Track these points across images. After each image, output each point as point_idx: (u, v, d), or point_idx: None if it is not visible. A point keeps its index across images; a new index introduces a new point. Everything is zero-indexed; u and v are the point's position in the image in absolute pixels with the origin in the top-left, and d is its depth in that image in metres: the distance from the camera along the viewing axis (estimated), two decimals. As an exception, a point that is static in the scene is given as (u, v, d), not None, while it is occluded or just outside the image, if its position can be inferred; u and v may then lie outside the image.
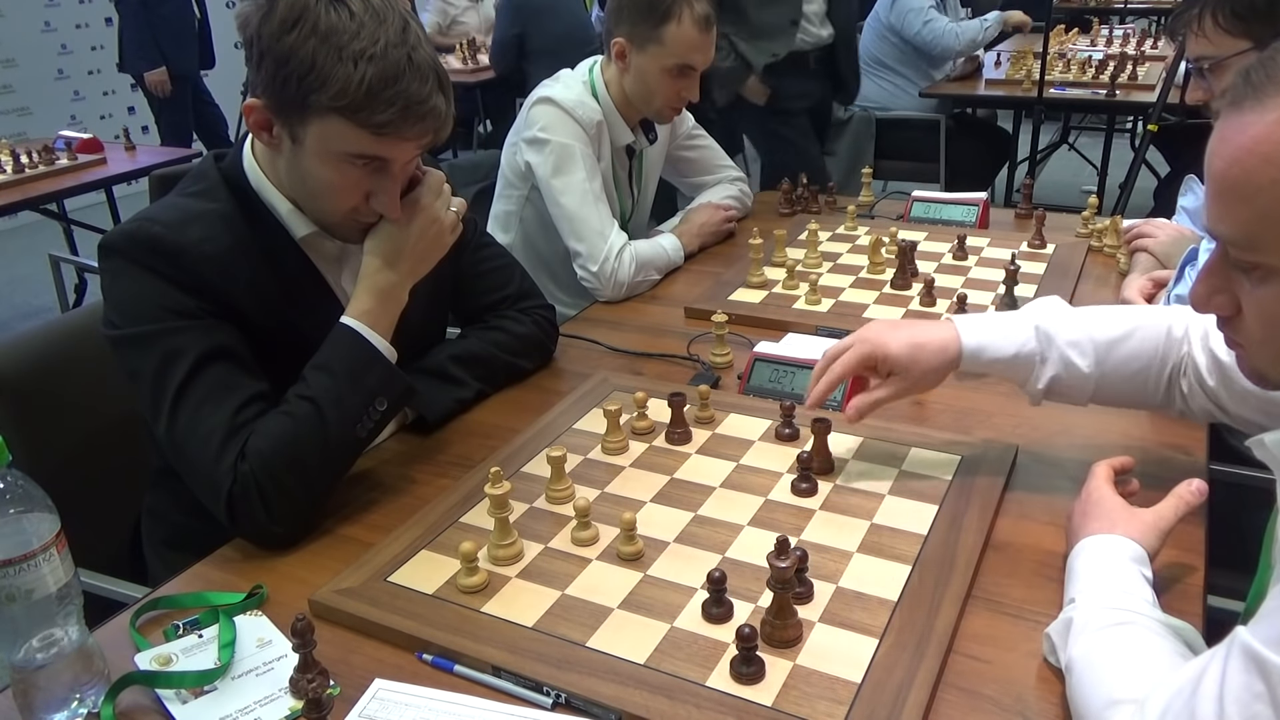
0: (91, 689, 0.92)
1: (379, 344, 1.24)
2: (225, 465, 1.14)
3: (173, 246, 1.19)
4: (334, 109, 1.12)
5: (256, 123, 1.19)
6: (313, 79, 1.11)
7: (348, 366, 1.21)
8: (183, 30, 5.00)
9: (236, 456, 1.14)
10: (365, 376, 1.22)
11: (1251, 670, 0.66)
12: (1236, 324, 0.79)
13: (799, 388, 1.43)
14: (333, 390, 1.19)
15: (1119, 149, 4.83)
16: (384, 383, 1.24)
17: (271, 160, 1.26)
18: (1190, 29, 1.44)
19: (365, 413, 1.21)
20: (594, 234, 1.90)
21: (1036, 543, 1.11)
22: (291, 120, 1.16)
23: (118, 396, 1.47)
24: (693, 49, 1.94)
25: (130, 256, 1.19)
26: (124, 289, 1.21)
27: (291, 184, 1.26)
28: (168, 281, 1.19)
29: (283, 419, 1.18)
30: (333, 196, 1.22)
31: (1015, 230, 2.14)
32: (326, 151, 1.17)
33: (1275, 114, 0.69)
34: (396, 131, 1.15)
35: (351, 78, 1.10)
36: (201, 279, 1.20)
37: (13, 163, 3.44)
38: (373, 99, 1.11)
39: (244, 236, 1.25)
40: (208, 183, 1.28)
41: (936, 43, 4.16)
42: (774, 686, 0.90)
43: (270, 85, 1.14)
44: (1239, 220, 0.72)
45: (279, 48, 1.11)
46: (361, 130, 1.14)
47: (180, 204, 1.25)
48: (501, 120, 5.38)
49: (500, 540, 1.09)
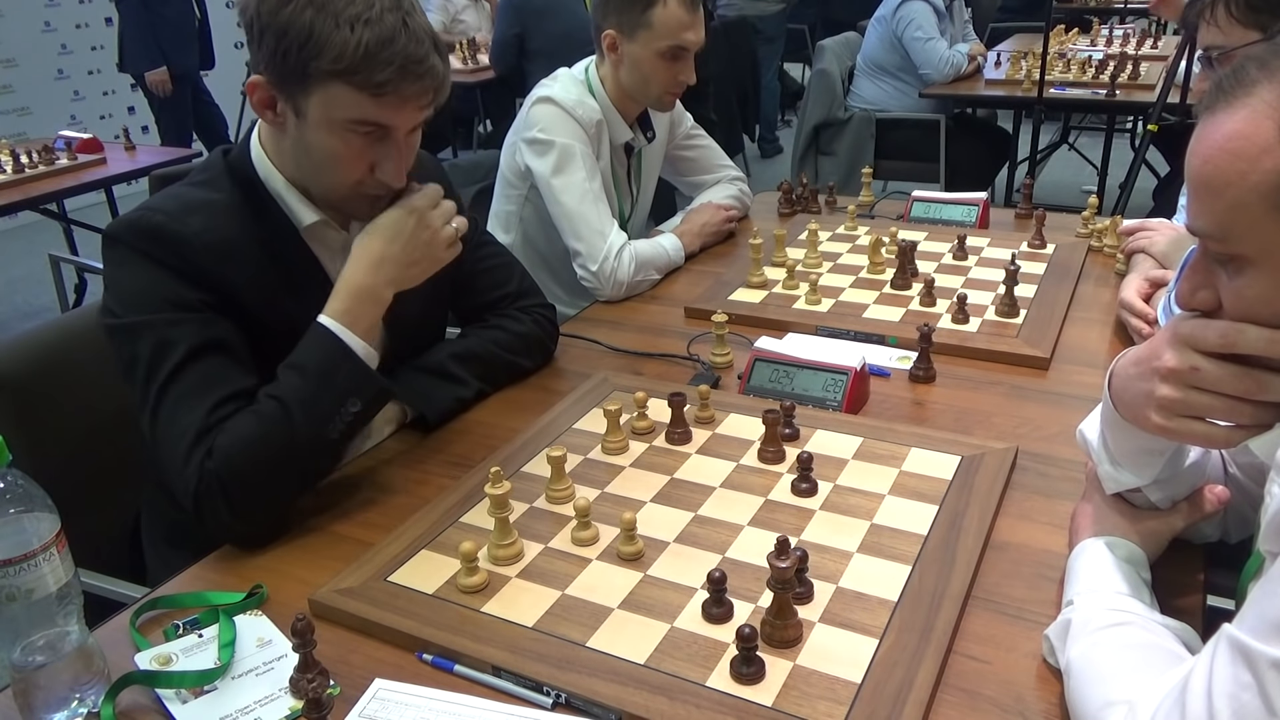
0: (91, 689, 0.92)
1: (354, 343, 1.22)
2: (193, 463, 1.14)
3: (174, 235, 1.20)
4: (334, 74, 1.14)
5: (260, 100, 1.21)
6: (311, 46, 1.13)
7: (319, 366, 1.20)
8: (183, 30, 5.01)
9: (204, 455, 1.14)
10: (336, 376, 1.21)
11: (1238, 661, 0.67)
12: (1219, 319, 0.81)
13: (799, 388, 1.43)
14: (302, 390, 1.19)
15: (1119, 149, 4.83)
16: (356, 383, 1.22)
17: (277, 143, 1.27)
18: (1203, 18, 1.45)
19: (336, 413, 1.20)
20: (594, 233, 1.90)
21: (1036, 543, 1.11)
22: (294, 92, 1.18)
23: (118, 396, 1.47)
24: (682, 28, 1.94)
25: (132, 244, 1.20)
26: (125, 277, 1.22)
27: (296, 163, 1.26)
28: (168, 270, 1.19)
29: (249, 418, 1.17)
30: (337, 169, 1.23)
31: (1015, 230, 2.14)
32: (329, 120, 1.18)
33: (1243, 113, 0.74)
34: (396, 91, 1.16)
35: (349, 41, 1.13)
36: (202, 269, 1.20)
37: (13, 163, 3.44)
38: (370, 60, 1.13)
39: (247, 227, 1.25)
40: (213, 173, 1.29)
41: (927, 63, 4.20)
42: (774, 687, 0.90)
43: (271, 59, 1.16)
44: (1213, 214, 0.77)
45: (277, 21, 1.14)
46: (361, 94, 1.15)
47: (183, 194, 1.27)
48: (501, 120, 5.38)
49: (500, 540, 1.09)
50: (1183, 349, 0.82)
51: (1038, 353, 1.54)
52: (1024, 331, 1.61)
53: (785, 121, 6.98)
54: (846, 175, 4.28)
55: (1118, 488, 0.99)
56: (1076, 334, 1.63)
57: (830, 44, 4.50)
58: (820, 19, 6.96)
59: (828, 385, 1.42)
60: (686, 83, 2.02)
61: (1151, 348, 0.87)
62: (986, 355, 1.57)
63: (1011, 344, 1.58)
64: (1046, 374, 1.51)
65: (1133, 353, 0.91)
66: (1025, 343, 1.58)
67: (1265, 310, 0.77)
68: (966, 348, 1.58)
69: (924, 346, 1.50)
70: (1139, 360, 0.88)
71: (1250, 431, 0.82)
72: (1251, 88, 0.75)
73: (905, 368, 1.53)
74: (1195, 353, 0.82)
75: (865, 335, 1.64)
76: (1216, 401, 0.82)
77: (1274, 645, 0.65)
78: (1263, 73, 0.75)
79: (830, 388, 1.42)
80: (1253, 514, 0.97)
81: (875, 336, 1.64)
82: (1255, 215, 0.74)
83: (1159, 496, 0.99)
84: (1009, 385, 1.48)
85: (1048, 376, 1.51)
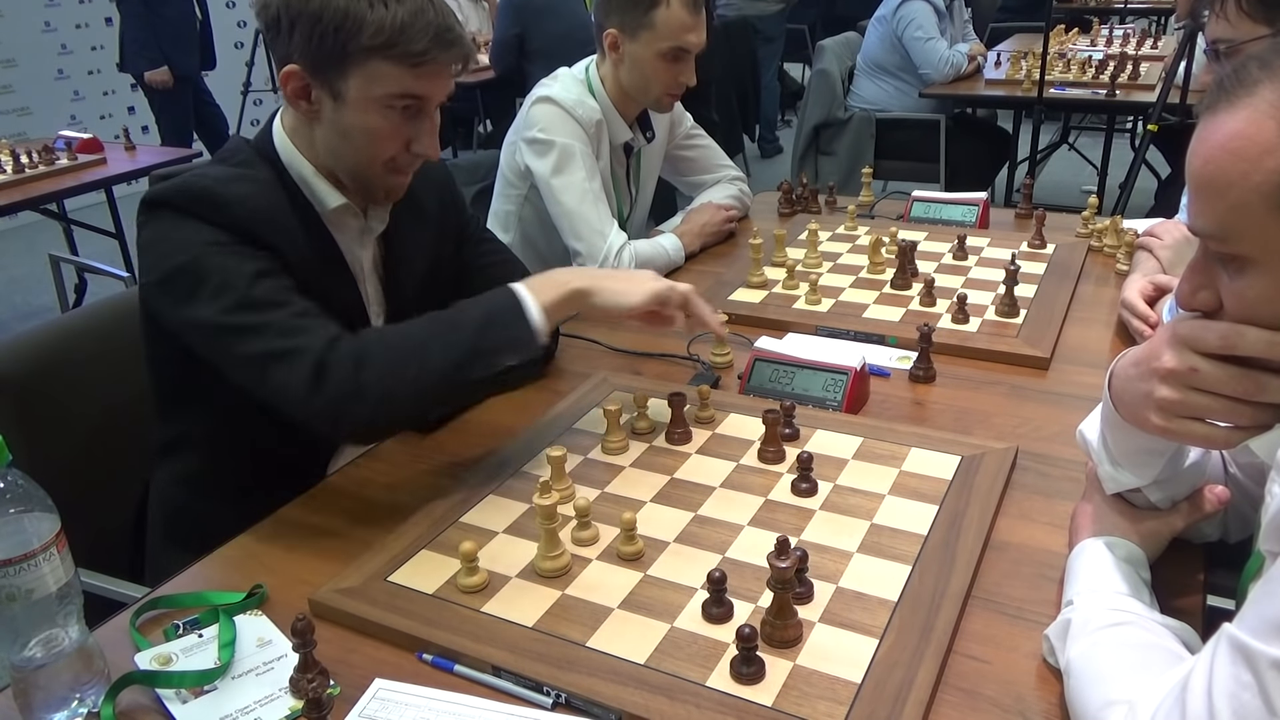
0: (91, 689, 0.92)
1: (531, 306, 1.23)
2: (326, 335, 1.16)
3: (221, 198, 1.21)
4: (374, 48, 1.19)
5: (294, 91, 1.24)
6: (350, 26, 1.17)
7: (489, 312, 1.23)
8: (184, 30, 5.00)
9: (339, 333, 1.17)
10: (500, 327, 1.22)
11: (1238, 661, 0.67)
12: (1219, 319, 0.82)
13: (799, 388, 1.43)
14: (465, 325, 1.21)
15: (1119, 149, 4.83)
16: (517, 341, 1.22)
17: (305, 131, 1.29)
18: (1213, 10, 1.46)
19: (487, 358, 1.20)
20: (593, 233, 1.90)
21: (1036, 543, 1.11)
22: (331, 76, 1.21)
23: (117, 396, 1.47)
24: (684, 29, 1.94)
25: (179, 207, 1.21)
26: (170, 237, 1.21)
27: (328, 148, 1.29)
28: (217, 227, 1.20)
29: (401, 331, 1.21)
30: (376, 146, 1.26)
31: (1015, 230, 2.14)
32: (369, 99, 1.22)
33: (1245, 113, 0.74)
34: (434, 59, 1.21)
35: (384, 17, 1.18)
36: (250, 228, 1.22)
37: (13, 163, 3.44)
38: (407, 32, 1.19)
39: (284, 203, 1.28)
40: (244, 155, 1.32)
41: (927, 63, 4.20)
42: (774, 686, 0.90)
43: (306, 47, 1.19)
44: (1215, 214, 0.77)
45: (310, 7, 1.18)
46: (401, 66, 1.20)
47: (221, 171, 1.28)
48: (501, 120, 5.38)
49: (548, 552, 1.07)
50: (1182, 350, 0.82)
51: (1038, 353, 1.54)
52: (1024, 331, 1.61)
53: (785, 121, 6.98)
54: (846, 175, 4.28)
55: (1118, 488, 0.99)
56: (1076, 334, 1.63)
57: (830, 44, 4.50)
58: (820, 19, 6.96)
59: (828, 385, 1.42)
60: (687, 84, 2.02)
61: (1151, 348, 0.87)
62: (986, 355, 1.57)
63: (1011, 344, 1.58)
64: (1046, 374, 1.51)
65: (1132, 353, 0.91)
66: (1025, 343, 1.58)
67: (1267, 311, 0.77)
68: (966, 348, 1.58)
69: (924, 346, 1.50)
70: (1139, 361, 0.88)
71: (1250, 432, 0.82)
72: (1253, 87, 0.75)
73: (905, 368, 1.53)
74: (1195, 354, 0.82)
75: (865, 335, 1.64)
76: (1216, 403, 0.82)
77: (1274, 645, 0.65)
78: (1265, 72, 0.75)
79: (830, 388, 1.42)
80: (1253, 514, 0.97)
81: (875, 336, 1.64)
82: (1257, 216, 0.74)
83: (1159, 497, 0.99)
84: (1009, 385, 1.48)
85: (1048, 376, 1.51)
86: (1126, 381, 0.90)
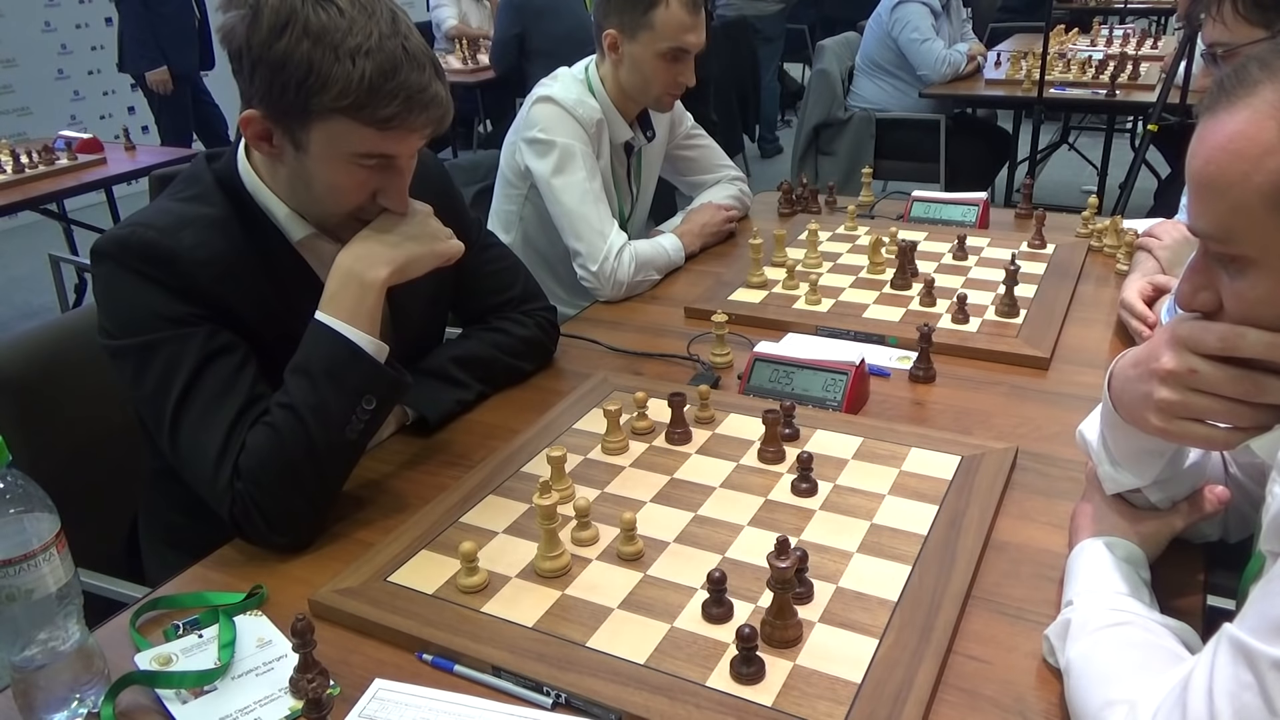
0: (91, 689, 0.92)
1: (358, 339, 1.18)
2: (222, 484, 1.13)
3: (166, 252, 1.16)
4: (338, 109, 1.10)
5: (255, 134, 1.16)
6: (313, 82, 1.08)
7: (325, 367, 1.16)
8: (183, 30, 5.00)
9: (231, 475, 1.13)
10: (347, 376, 1.16)
11: (1239, 661, 0.67)
12: (1219, 320, 0.82)
13: (799, 388, 1.43)
14: (312, 395, 1.15)
15: (1119, 149, 4.83)
16: (369, 380, 1.18)
17: (270, 168, 1.24)
18: (1209, 14, 1.45)
19: (353, 414, 1.17)
20: (594, 233, 1.90)
21: (1036, 543, 1.11)
22: (293, 127, 1.13)
23: (117, 396, 1.47)
24: (684, 30, 1.94)
25: (122, 262, 1.16)
26: (118, 297, 1.18)
27: (293, 190, 1.23)
28: (162, 288, 1.16)
29: (266, 431, 1.14)
30: (339, 198, 1.20)
31: (1015, 230, 2.14)
32: (333, 155, 1.14)
33: (1245, 113, 0.74)
34: (403, 123, 1.12)
35: (351, 75, 1.08)
36: (196, 285, 1.17)
37: (13, 163, 3.44)
38: (375, 94, 1.09)
39: (239, 242, 1.22)
40: (201, 186, 1.24)
41: (924, 64, 4.20)
42: (774, 687, 0.90)
43: (268, 94, 1.11)
44: (1215, 214, 0.77)
45: (272, 55, 1.08)
46: (367, 127, 1.11)
47: (173, 208, 1.22)
48: (501, 120, 5.38)
49: (548, 552, 1.07)
50: (1182, 351, 0.82)
51: (1038, 353, 1.54)
52: (1024, 331, 1.61)
53: (785, 121, 6.98)
54: (846, 175, 4.28)
55: (1118, 488, 0.99)
56: (1076, 334, 1.63)
57: (830, 44, 4.50)
58: (820, 19, 6.96)
59: (828, 385, 1.42)
60: (686, 84, 2.02)
61: (1150, 349, 0.87)
62: (986, 355, 1.57)
63: (1011, 344, 1.58)
64: (1046, 374, 1.51)
65: (1132, 354, 0.91)
66: (1025, 343, 1.58)
67: (1267, 311, 0.77)
68: (966, 348, 1.58)
69: (924, 346, 1.50)
70: (1138, 362, 0.88)
71: (1250, 433, 0.82)
72: (1254, 88, 0.75)
73: (905, 368, 1.53)
74: (1194, 355, 0.81)
75: (865, 335, 1.64)
76: (1215, 404, 0.81)
77: (1275, 645, 0.65)
78: (1265, 73, 0.75)
79: (830, 388, 1.42)
80: (1253, 514, 0.97)
81: (875, 336, 1.64)
82: (1257, 216, 0.74)
83: (1159, 497, 0.99)
84: (1009, 385, 1.48)
85: (1048, 376, 1.51)
86: (1126, 382, 0.90)
